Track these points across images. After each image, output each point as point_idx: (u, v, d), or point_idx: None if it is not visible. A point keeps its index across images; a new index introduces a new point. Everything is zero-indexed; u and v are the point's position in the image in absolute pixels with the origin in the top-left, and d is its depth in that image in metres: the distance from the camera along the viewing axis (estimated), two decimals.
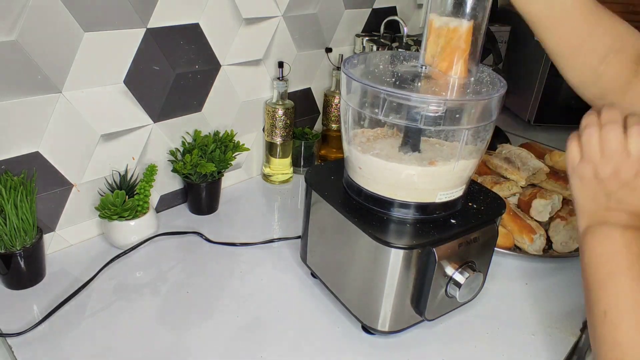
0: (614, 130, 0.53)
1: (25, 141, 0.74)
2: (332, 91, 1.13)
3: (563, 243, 0.92)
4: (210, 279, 0.80)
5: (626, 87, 0.65)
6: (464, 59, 0.61)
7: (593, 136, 0.55)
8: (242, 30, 0.94)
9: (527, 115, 1.47)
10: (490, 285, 0.82)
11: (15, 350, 0.65)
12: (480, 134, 0.64)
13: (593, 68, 0.66)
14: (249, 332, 0.70)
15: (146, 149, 0.89)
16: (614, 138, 0.53)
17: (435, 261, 0.62)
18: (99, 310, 0.72)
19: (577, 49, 0.66)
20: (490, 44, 1.21)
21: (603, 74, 0.66)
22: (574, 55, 0.66)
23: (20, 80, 0.69)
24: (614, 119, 0.54)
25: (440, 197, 0.65)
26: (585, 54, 0.65)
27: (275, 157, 1.07)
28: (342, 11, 1.11)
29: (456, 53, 0.61)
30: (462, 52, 0.61)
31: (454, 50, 0.61)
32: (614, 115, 0.54)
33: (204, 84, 0.93)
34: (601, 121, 0.55)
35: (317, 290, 0.79)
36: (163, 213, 0.97)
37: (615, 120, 0.54)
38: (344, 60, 0.67)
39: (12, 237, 0.71)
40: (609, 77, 0.66)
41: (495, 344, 0.71)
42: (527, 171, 1.00)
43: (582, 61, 0.66)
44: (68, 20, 0.71)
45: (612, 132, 0.53)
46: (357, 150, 0.66)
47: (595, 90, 0.68)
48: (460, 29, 0.60)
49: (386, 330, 0.68)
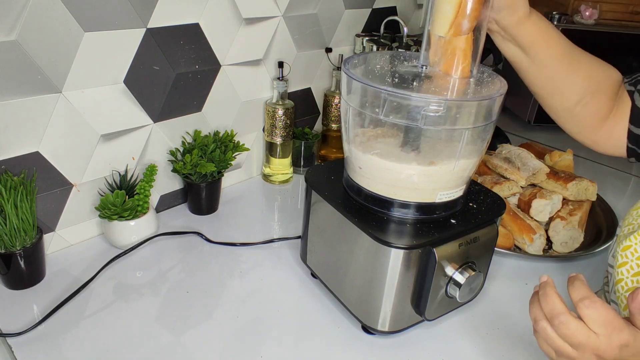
0: (566, 323, 0.49)
1: (25, 141, 0.74)
2: (332, 91, 1.13)
3: (563, 243, 0.92)
4: (210, 279, 0.80)
5: (601, 123, 0.69)
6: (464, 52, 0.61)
7: (550, 334, 0.50)
8: (242, 30, 0.94)
9: (527, 115, 1.47)
10: (490, 285, 0.82)
11: (15, 350, 0.65)
12: (480, 134, 0.64)
13: (569, 109, 0.69)
14: (248, 332, 0.70)
15: (146, 149, 0.89)
16: (572, 330, 0.48)
17: (435, 261, 0.62)
18: (99, 310, 0.72)
19: (554, 94, 0.69)
20: (490, 44, 1.21)
21: (579, 113, 0.69)
22: (551, 98, 0.69)
23: (20, 80, 0.69)
24: (557, 311, 0.50)
25: (441, 197, 0.65)
26: (562, 97, 0.68)
27: (275, 157, 1.07)
28: (342, 11, 1.11)
29: (456, 53, 0.61)
30: (462, 52, 0.61)
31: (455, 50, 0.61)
32: (555, 307, 0.50)
33: (204, 84, 0.93)
34: (546, 315, 0.51)
35: (317, 290, 0.79)
36: (163, 213, 0.97)
37: (559, 312, 0.50)
38: (344, 60, 0.67)
39: (12, 237, 0.71)
40: (585, 115, 0.69)
41: (495, 344, 0.71)
42: (527, 171, 1.00)
43: (558, 103, 0.69)
44: (68, 20, 0.71)
45: (564, 326, 0.49)
46: (358, 150, 0.66)
47: (572, 126, 0.71)
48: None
49: (386, 330, 0.68)
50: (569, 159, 1.12)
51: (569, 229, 0.91)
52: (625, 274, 0.63)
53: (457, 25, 0.60)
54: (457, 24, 0.60)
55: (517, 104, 1.52)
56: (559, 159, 1.13)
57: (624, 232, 0.67)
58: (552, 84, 0.68)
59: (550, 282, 0.53)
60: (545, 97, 0.70)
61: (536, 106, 1.44)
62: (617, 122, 0.70)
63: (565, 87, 0.67)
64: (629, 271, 0.63)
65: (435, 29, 0.61)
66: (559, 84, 0.67)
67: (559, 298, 0.51)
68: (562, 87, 0.68)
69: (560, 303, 0.50)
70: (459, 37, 0.60)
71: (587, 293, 0.49)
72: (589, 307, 0.48)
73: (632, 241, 0.63)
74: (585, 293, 0.49)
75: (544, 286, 0.53)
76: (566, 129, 0.73)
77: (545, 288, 0.52)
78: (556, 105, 0.70)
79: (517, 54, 0.66)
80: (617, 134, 0.70)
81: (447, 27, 0.60)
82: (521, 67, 0.68)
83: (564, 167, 1.09)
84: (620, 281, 0.64)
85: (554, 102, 0.70)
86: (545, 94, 0.70)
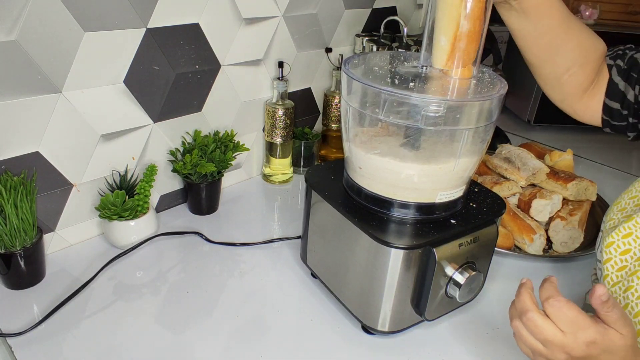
0: (533, 320, 0.51)
1: (25, 141, 0.74)
2: (332, 91, 1.13)
3: (563, 243, 0.92)
4: (210, 278, 0.80)
5: (582, 94, 0.73)
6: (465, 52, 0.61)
7: (523, 332, 0.52)
8: (242, 30, 0.94)
9: (527, 115, 1.47)
10: (490, 285, 0.82)
11: (15, 350, 0.65)
12: (480, 134, 0.64)
13: (557, 77, 0.73)
14: (248, 332, 0.70)
15: (146, 149, 0.89)
16: (539, 327, 0.50)
17: (435, 261, 0.62)
18: (99, 310, 0.72)
19: (547, 62, 0.72)
20: (490, 44, 1.21)
21: (566, 82, 0.72)
22: (542, 66, 0.73)
23: (20, 80, 0.69)
24: (525, 307, 0.52)
25: (441, 197, 0.65)
26: (552, 65, 0.72)
27: (275, 157, 1.07)
28: (342, 11, 1.11)
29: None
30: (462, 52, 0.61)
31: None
32: (525, 305, 0.52)
33: (204, 84, 0.93)
34: (518, 313, 0.53)
35: (317, 290, 0.79)
36: (163, 213, 0.97)
37: (527, 309, 0.51)
38: (345, 60, 0.67)
39: (12, 237, 0.71)
40: (570, 85, 0.72)
41: (495, 344, 0.71)
42: (527, 171, 1.00)
43: (549, 71, 0.73)
44: (68, 20, 0.71)
45: (531, 323, 0.51)
46: (358, 150, 0.66)
47: (557, 94, 0.76)
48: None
49: (386, 330, 0.68)
50: (569, 159, 1.12)
51: (569, 229, 0.91)
52: (610, 270, 0.65)
53: (453, 59, 0.60)
54: (453, 57, 0.60)
55: (517, 104, 1.52)
56: (559, 159, 1.13)
57: (606, 227, 0.69)
58: (548, 52, 0.71)
59: (527, 284, 0.55)
60: (538, 65, 0.73)
61: (536, 106, 1.44)
62: (595, 93, 0.73)
63: (558, 55, 0.71)
64: (613, 267, 0.64)
65: (434, 62, 0.62)
66: (554, 51, 0.70)
67: (530, 297, 0.53)
68: (555, 55, 0.71)
69: (530, 301, 0.52)
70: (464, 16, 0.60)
71: (553, 293, 0.51)
72: (553, 306, 0.50)
73: (614, 237, 0.64)
74: (551, 293, 0.51)
75: (520, 287, 0.54)
76: (551, 96, 0.77)
77: (520, 289, 0.54)
78: (546, 74, 0.74)
79: (521, 21, 0.69)
80: (594, 105, 0.74)
81: (445, 60, 0.61)
82: (522, 34, 0.70)
83: (564, 167, 1.09)
84: (606, 277, 0.65)
85: (546, 70, 0.73)
86: (539, 61, 0.73)
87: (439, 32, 0.60)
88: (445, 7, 0.58)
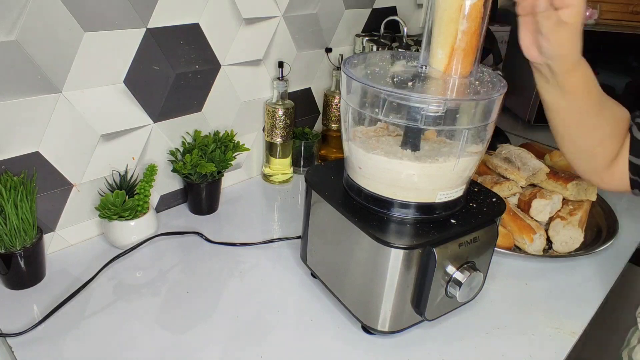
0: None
1: (25, 141, 0.74)
2: (332, 91, 1.13)
3: (563, 243, 0.92)
4: (210, 278, 0.80)
5: (610, 163, 0.71)
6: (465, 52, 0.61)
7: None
8: (242, 30, 0.94)
9: (527, 115, 1.47)
10: (490, 285, 0.82)
11: (15, 350, 0.65)
12: (480, 134, 0.64)
13: (590, 150, 0.70)
14: (248, 332, 0.70)
15: (146, 149, 0.89)
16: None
17: (435, 261, 0.62)
18: (99, 310, 0.72)
19: (580, 135, 0.69)
20: (490, 44, 1.21)
21: (597, 154, 0.70)
22: (575, 138, 0.70)
23: (20, 80, 0.69)
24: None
25: (441, 197, 0.65)
26: (586, 138, 0.69)
27: (275, 157, 1.07)
28: (342, 11, 1.11)
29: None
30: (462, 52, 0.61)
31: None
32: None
33: (204, 84, 0.93)
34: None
35: (317, 290, 0.79)
36: (163, 213, 0.97)
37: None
38: (344, 60, 0.67)
39: (12, 237, 0.71)
40: (601, 157, 0.70)
41: (495, 344, 0.71)
42: (527, 171, 1.00)
43: (581, 143, 0.70)
44: (68, 20, 0.71)
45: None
46: (358, 150, 0.66)
47: (587, 165, 0.73)
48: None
49: (386, 330, 0.68)
50: None
51: (569, 229, 0.91)
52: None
53: (450, 71, 0.61)
54: (450, 69, 0.60)
55: (517, 104, 1.52)
56: (559, 159, 1.14)
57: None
58: (580, 127, 0.68)
59: None
60: (569, 138, 0.70)
61: (536, 106, 1.44)
62: (620, 158, 0.70)
63: (591, 130, 0.68)
64: None
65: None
66: (587, 127, 0.68)
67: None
68: (589, 129, 0.68)
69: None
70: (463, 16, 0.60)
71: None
72: None
73: None
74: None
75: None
76: (580, 168, 0.74)
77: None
78: (579, 147, 0.71)
79: (556, 97, 0.66)
80: (620, 169, 0.71)
81: (442, 72, 0.61)
82: (555, 108, 0.68)
83: (564, 167, 1.09)
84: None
85: (577, 143, 0.70)
86: (570, 135, 0.70)
87: (435, 45, 0.60)
88: (442, 23, 0.59)
